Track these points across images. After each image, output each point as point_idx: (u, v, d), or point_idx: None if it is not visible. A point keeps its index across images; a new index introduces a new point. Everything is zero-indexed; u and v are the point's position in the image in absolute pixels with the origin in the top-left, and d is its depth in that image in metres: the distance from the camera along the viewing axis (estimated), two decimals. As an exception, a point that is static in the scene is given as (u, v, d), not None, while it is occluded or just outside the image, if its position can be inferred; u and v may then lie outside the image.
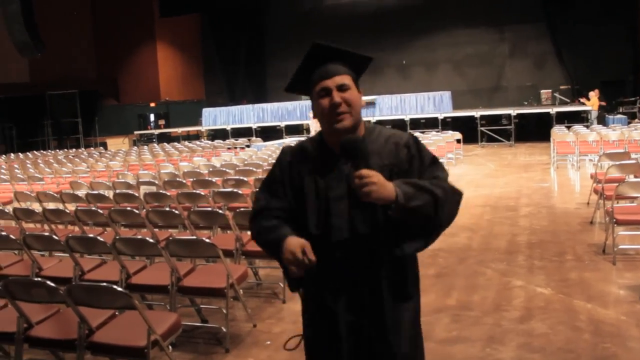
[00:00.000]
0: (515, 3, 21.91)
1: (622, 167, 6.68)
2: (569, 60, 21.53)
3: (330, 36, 24.38)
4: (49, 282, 3.11)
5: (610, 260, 5.39)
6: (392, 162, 1.99)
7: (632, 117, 18.19)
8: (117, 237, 4.23)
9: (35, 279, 3.42)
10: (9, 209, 6.85)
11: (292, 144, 2.18)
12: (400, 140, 2.03)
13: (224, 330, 4.08)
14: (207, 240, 4.07)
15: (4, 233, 4.94)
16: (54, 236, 4.57)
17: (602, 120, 17.11)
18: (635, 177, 6.71)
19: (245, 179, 7.23)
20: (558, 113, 17.68)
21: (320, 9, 25.19)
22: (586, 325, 4.03)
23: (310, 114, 19.09)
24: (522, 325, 4.08)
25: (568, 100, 20.23)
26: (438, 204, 1.91)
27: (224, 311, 4.08)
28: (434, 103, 20.01)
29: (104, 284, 3.15)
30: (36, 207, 7.20)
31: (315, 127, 19.85)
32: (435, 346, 3.82)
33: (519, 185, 10.16)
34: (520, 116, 18.55)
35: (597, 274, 5.13)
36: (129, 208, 5.77)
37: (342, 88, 1.98)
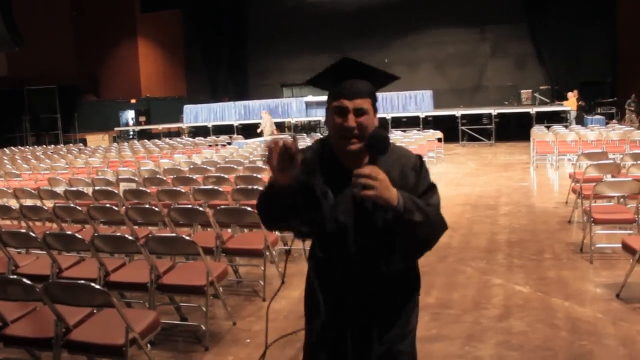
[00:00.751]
0: (497, 3, 22.12)
1: (600, 167, 6.77)
2: (549, 61, 21.80)
3: (312, 34, 24.47)
4: (24, 280, 3.07)
5: (588, 258, 5.46)
6: (399, 182, 1.96)
7: (610, 117, 18.47)
8: (96, 235, 4.19)
9: (11, 277, 3.36)
10: (-15, 205, 6.73)
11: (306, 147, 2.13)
12: (408, 162, 2.04)
13: (204, 328, 4.06)
14: (187, 238, 4.04)
15: (-21, 230, 4.86)
16: (31, 233, 4.50)
17: (581, 121, 17.33)
18: (613, 176, 6.80)
19: (226, 176, 7.20)
20: (538, 113, 17.85)
21: (303, 6, 25.13)
22: (564, 323, 4.07)
23: (264, 113, 19.06)
24: (501, 323, 4.12)
25: (548, 101, 20.46)
26: (430, 227, 1.95)
27: (204, 309, 4.06)
28: (415, 102, 20.09)
29: (82, 281, 3.11)
30: (13, 203, 7.10)
31: (269, 128, 19.74)
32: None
33: (499, 185, 10.25)
34: (500, 116, 18.70)
35: (574, 272, 5.19)
36: (108, 205, 5.71)
37: (359, 112, 1.94)
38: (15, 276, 3.29)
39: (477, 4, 22.28)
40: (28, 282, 3.06)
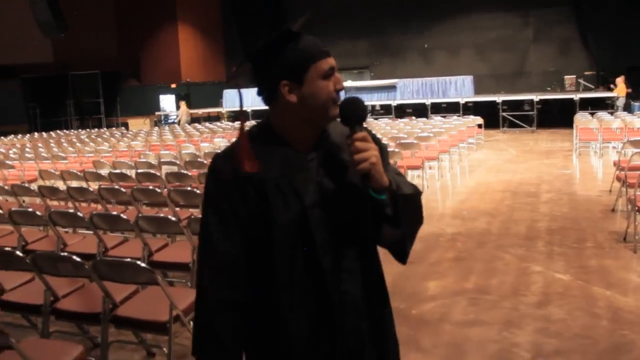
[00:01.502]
0: (540, -14, 21.60)
1: (646, 155, 6.59)
2: (594, 46, 21.17)
3: (351, 18, 24.30)
4: (74, 257, 3.19)
5: (632, 248, 5.36)
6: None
7: (659, 104, 17.88)
8: (140, 215, 4.31)
9: (62, 254, 3.50)
10: (34, 186, 6.97)
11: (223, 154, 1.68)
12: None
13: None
14: (228, 220, 4.12)
15: (30, 209, 5.05)
16: (79, 213, 4.66)
17: (628, 108, 16.84)
18: (659, 164, 6.62)
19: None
20: (582, 99, 17.42)
21: (342, -9, 24.98)
22: (604, 312, 4.02)
23: (182, 103, 18.96)
24: (540, 311, 4.09)
25: (592, 87, 19.93)
26: (419, 199, 1.65)
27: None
28: (455, 87, 19.85)
29: (128, 259, 3.22)
30: (60, 185, 7.33)
31: (185, 118, 19.82)
32: (452, 328, 3.86)
33: (540, 172, 10.08)
34: (543, 102, 18.32)
35: (617, 261, 5.10)
36: (151, 187, 5.85)
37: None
38: (65, 253, 3.42)
39: (520, -13, 21.80)
40: (77, 259, 3.18)
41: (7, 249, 3.52)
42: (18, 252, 3.43)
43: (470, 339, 3.71)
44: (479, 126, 14.49)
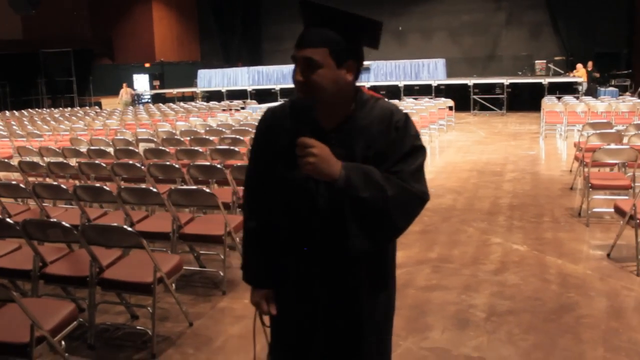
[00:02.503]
0: (513, -29, 21.96)
1: (602, 136, 6.98)
2: (564, 32, 21.67)
3: (325, 1, 24.33)
4: (64, 223, 3.40)
5: (585, 222, 5.74)
6: (378, 141, 1.78)
7: (624, 90, 18.47)
8: (123, 187, 4.52)
9: (52, 220, 3.71)
10: (13, 162, 7.09)
11: (275, 108, 1.94)
12: (392, 119, 1.79)
13: (222, 274, 4.42)
14: (207, 190, 4.36)
15: (14, 182, 5.22)
16: (62, 185, 4.84)
17: (594, 92, 17.38)
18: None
19: (241, 137, 7.49)
20: (550, 84, 17.91)
21: (318, -28, 25.01)
22: (555, 278, 4.38)
23: (124, 85, 19.35)
24: (496, 277, 4.44)
25: (562, 72, 20.44)
26: (390, 205, 1.70)
27: (222, 256, 4.41)
28: (428, 70, 20.19)
29: (115, 224, 3.44)
30: (38, 161, 7.44)
31: (126, 99, 20.41)
32: (415, 292, 4.18)
33: (507, 153, 10.48)
34: (513, 86, 18.77)
35: (571, 234, 5.48)
36: (131, 162, 6.04)
37: (307, 64, 1.69)
38: (54, 219, 3.63)
39: (493, -29, 22.13)
40: (67, 224, 3.39)
41: (-3, 216, 3.72)
42: (8, 220, 3.63)
43: (431, 301, 4.03)
44: (450, 108, 14.84)
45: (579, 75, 17.59)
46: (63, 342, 2.90)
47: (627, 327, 3.55)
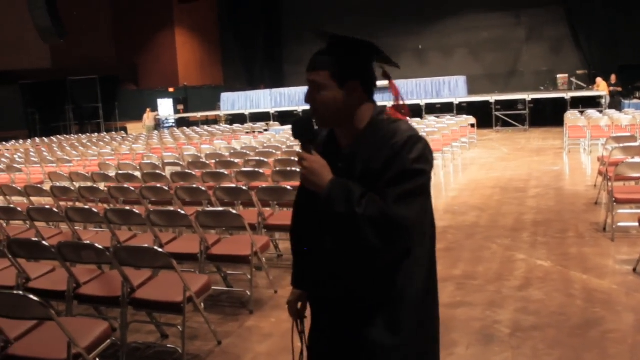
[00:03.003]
0: (532, -14, 22.00)
1: (626, 150, 6.95)
2: (586, 45, 21.54)
3: (346, 21, 24.67)
4: (97, 244, 3.53)
5: (610, 237, 5.72)
6: (373, 160, 1.82)
7: (648, 102, 18.26)
8: (152, 210, 4.66)
9: (85, 242, 3.84)
10: (45, 187, 7.31)
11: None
12: (390, 142, 1.81)
13: (248, 294, 4.50)
14: (234, 211, 4.48)
15: (47, 206, 5.40)
16: (93, 209, 5.00)
17: (618, 105, 17.23)
18: (639, 159, 6.98)
19: (265, 159, 7.62)
20: (573, 98, 17.80)
21: (336, -7, 25.39)
22: (580, 293, 4.38)
23: (148, 110, 19.72)
24: (521, 293, 4.45)
25: (584, 85, 20.28)
26: (360, 223, 1.73)
27: (248, 276, 4.50)
28: (449, 88, 20.22)
29: (146, 245, 3.56)
30: (68, 186, 7.66)
31: (150, 122, 20.92)
32: (440, 309, 4.19)
33: (530, 169, 10.45)
34: (535, 101, 18.69)
35: (596, 249, 5.46)
36: (158, 185, 6.20)
37: (315, 87, 1.85)
38: (87, 241, 3.76)
39: (512, -13, 22.19)
40: (100, 246, 3.52)
41: (33, 239, 3.87)
42: (44, 242, 3.78)
43: (456, 318, 4.06)
44: (472, 126, 14.85)
45: (601, 89, 17.46)
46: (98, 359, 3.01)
47: (654, 341, 3.55)
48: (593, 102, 17.97)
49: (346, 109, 1.86)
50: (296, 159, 1.92)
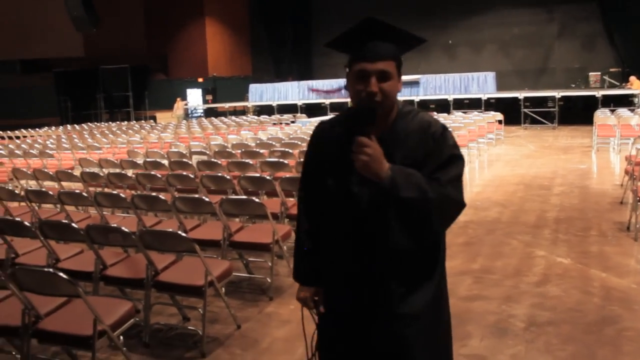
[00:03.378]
0: (565, -18, 21.66)
1: (653, 149, 6.87)
2: (620, 43, 21.14)
3: (376, 14, 24.53)
4: (124, 228, 3.67)
5: (633, 236, 5.68)
6: (417, 150, 1.92)
7: (682, 101, 17.88)
8: (177, 196, 4.79)
9: (112, 225, 3.99)
10: (75, 172, 7.53)
11: (326, 121, 2.18)
12: (429, 130, 1.95)
13: (269, 281, 4.61)
14: (257, 200, 4.58)
15: (77, 191, 5.57)
16: (121, 194, 5.16)
17: (651, 104, 16.93)
18: (667, 159, 6.89)
19: (290, 151, 7.72)
20: (604, 96, 17.50)
21: (367, -14, 25.31)
22: (598, 291, 4.38)
23: (178, 99, 19.75)
24: (538, 288, 4.47)
25: (617, 84, 19.92)
26: (431, 207, 1.86)
27: (269, 264, 4.61)
28: (477, 83, 20.07)
29: (170, 230, 3.68)
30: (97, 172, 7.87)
31: (179, 112, 21.08)
32: (456, 302, 4.25)
33: (556, 166, 10.36)
34: (565, 99, 18.44)
35: (617, 248, 5.43)
36: (184, 173, 6.34)
37: (382, 76, 1.87)
38: (115, 224, 3.90)
39: (545, -17, 21.87)
40: (126, 229, 3.65)
41: (64, 221, 4.03)
42: (74, 225, 3.93)
43: (472, 310, 4.11)
44: (499, 122, 14.74)
45: (634, 87, 17.16)
46: (121, 338, 3.13)
47: (670, 341, 3.55)
48: (625, 101, 17.65)
49: (395, 99, 1.96)
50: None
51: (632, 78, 17.63)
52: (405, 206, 1.85)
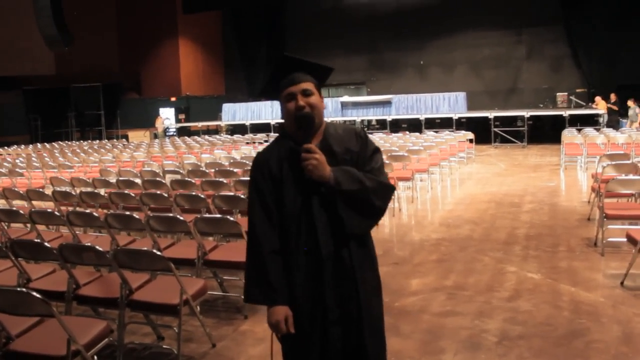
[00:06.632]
0: (533, 5, 22.24)
1: (618, 167, 7.07)
2: (586, 64, 21.76)
3: (348, 35, 24.93)
4: (97, 247, 3.64)
5: (600, 252, 5.83)
6: (351, 145, 2.35)
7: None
8: (151, 215, 4.77)
9: (86, 244, 3.95)
10: (46, 192, 7.43)
11: (262, 150, 2.49)
12: (353, 133, 2.40)
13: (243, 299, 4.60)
14: (231, 218, 4.59)
15: (49, 210, 5.51)
16: (94, 213, 5.12)
17: (616, 124, 17.40)
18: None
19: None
20: (571, 116, 17.95)
21: (340, 8, 25.66)
22: (567, 305, 4.48)
23: (158, 117, 19.94)
24: (510, 303, 4.55)
25: (584, 104, 20.45)
26: (369, 193, 2.28)
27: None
28: (449, 103, 20.41)
29: (145, 248, 3.67)
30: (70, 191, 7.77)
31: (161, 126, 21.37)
32: (429, 318, 4.32)
33: (526, 184, 10.57)
34: (534, 118, 18.87)
35: (585, 263, 5.57)
36: (158, 192, 6.32)
37: (305, 93, 2.29)
38: (89, 243, 3.87)
39: (513, 6, 22.42)
40: (100, 248, 3.63)
41: (35, 240, 3.98)
42: (46, 244, 3.89)
43: (445, 326, 4.16)
44: (470, 141, 14.99)
45: (600, 107, 17.66)
46: (96, 358, 3.10)
47: (637, 352, 3.65)
48: (591, 121, 18.12)
49: (321, 112, 2.38)
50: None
51: (598, 98, 18.19)
52: (349, 197, 2.26)
